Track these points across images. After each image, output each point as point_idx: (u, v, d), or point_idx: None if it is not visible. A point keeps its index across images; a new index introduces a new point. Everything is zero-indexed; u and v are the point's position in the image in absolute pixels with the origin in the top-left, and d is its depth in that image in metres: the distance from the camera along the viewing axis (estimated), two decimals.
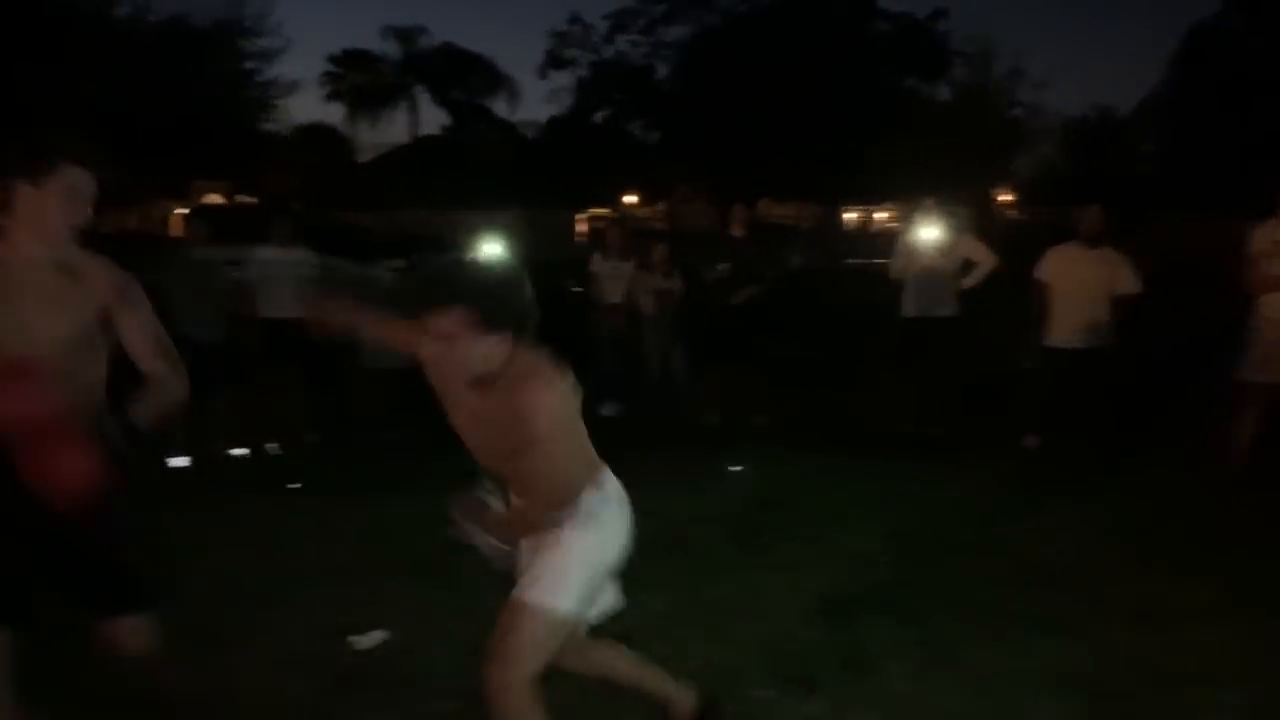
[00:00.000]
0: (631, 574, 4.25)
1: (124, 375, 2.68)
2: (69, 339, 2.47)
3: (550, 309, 2.59)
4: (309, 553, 4.83)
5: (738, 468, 6.47)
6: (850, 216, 39.11)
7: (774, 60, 27.03)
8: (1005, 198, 31.35)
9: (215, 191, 43.78)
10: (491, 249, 7.56)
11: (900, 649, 3.74)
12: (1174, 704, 3.33)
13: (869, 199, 37.03)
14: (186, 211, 42.25)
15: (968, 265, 7.42)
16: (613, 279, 8.35)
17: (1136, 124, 30.82)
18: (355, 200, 34.70)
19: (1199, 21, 27.47)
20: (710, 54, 28.80)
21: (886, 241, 31.25)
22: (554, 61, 32.06)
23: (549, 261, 10.60)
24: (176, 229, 41.23)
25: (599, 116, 31.47)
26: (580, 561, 2.58)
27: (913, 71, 30.29)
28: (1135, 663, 3.60)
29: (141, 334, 2.61)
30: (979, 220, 7.17)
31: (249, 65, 32.00)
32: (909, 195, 31.39)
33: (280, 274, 6.93)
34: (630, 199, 34.09)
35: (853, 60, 27.37)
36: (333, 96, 47.15)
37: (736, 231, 8.01)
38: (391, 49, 44.99)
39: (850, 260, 27.58)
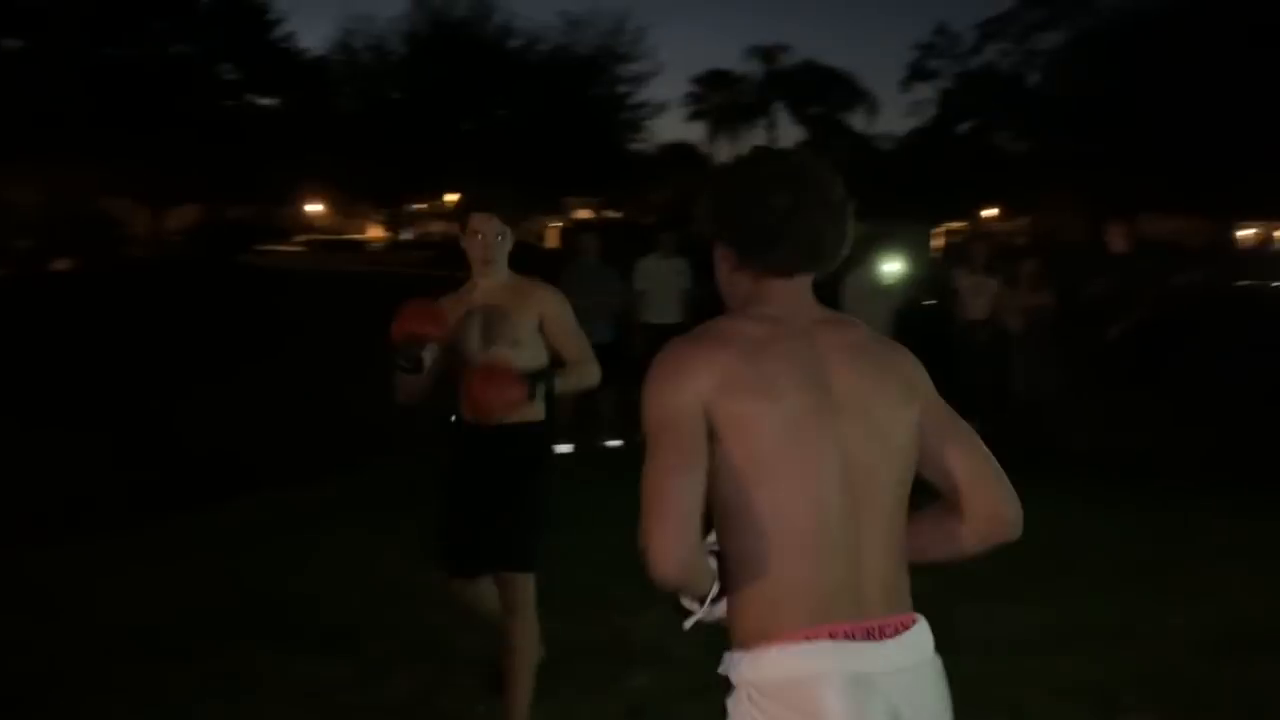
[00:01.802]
0: (1004, 587, 4.32)
1: None
2: (513, 340, 3.09)
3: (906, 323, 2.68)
4: None
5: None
6: (1245, 234, 35.20)
7: (1162, 64, 24.94)
8: None
9: (586, 208, 47.31)
10: (891, 265, 7.67)
11: None
12: None
13: (1269, 213, 33.15)
14: (559, 225, 45.68)
15: None
16: (976, 294, 8.20)
17: None
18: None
19: None
20: (1091, 58, 27.08)
21: None
22: (918, 73, 31.59)
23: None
24: (552, 242, 44.97)
25: (963, 127, 30.58)
26: None
27: None
28: None
29: (568, 334, 3.16)
30: None
31: (623, 89, 34.34)
32: None
33: (665, 282, 7.53)
34: (990, 212, 32.81)
35: (1252, 62, 24.63)
36: (695, 116, 49.30)
37: (1116, 246, 7.61)
38: (754, 68, 46.35)
39: (1243, 282, 24.89)
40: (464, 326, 3.09)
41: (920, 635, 1.56)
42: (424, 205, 44.72)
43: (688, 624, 1.58)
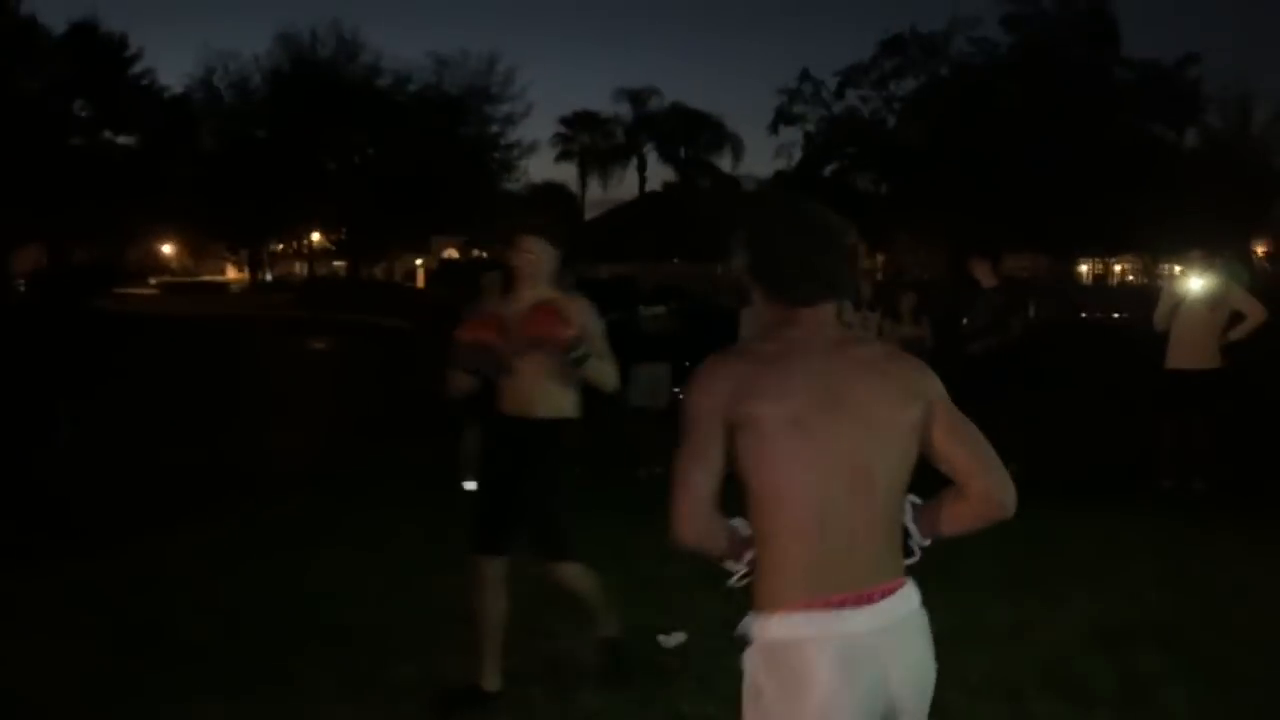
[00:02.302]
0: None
1: None
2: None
3: None
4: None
5: None
6: (1083, 269, 37.66)
7: (1010, 109, 26.67)
8: (1261, 250, 29.41)
9: (451, 246, 47.12)
10: None
11: (1177, 678, 3.88)
12: None
13: (1106, 250, 35.58)
14: (422, 264, 45.03)
15: (1236, 317, 7.31)
16: (862, 328, 8.66)
17: None
18: (584, 254, 36.33)
19: None
20: (944, 104, 28.72)
21: (1128, 294, 29.78)
22: (783, 118, 32.81)
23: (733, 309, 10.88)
24: (419, 281, 44.45)
25: (828, 170, 31.89)
26: None
27: (1159, 119, 29.11)
28: None
29: (599, 341, 3.61)
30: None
31: (494, 129, 34.48)
32: (1155, 246, 30.20)
33: None
34: None
35: (1093, 108, 26.61)
36: (563, 156, 49.93)
37: (985, 281, 8.17)
38: (623, 109, 47.27)
39: (1085, 314, 26.65)
40: (512, 325, 3.50)
41: (904, 594, 1.89)
42: (283, 246, 43.79)
43: (730, 582, 1.94)
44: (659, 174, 48.21)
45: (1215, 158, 26.99)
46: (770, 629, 1.82)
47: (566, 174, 52.27)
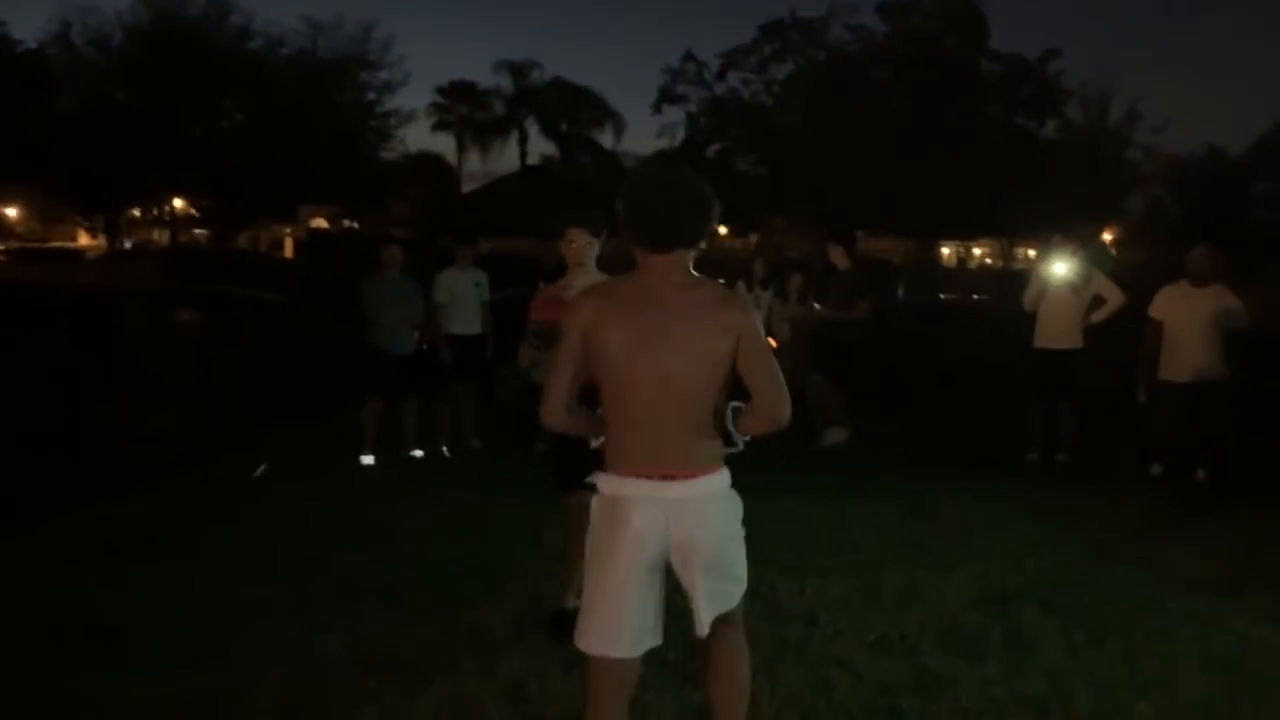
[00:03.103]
0: (808, 564, 4.91)
1: None
2: None
3: None
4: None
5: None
6: (945, 251, 39.18)
7: (880, 95, 27.51)
8: (1109, 236, 31.18)
9: (321, 216, 45.79)
10: None
11: (1056, 633, 4.25)
12: None
13: (966, 234, 37.10)
14: (290, 234, 43.56)
15: (1099, 300, 7.84)
16: (755, 306, 8.93)
17: (1249, 164, 30.50)
18: (460, 228, 35.80)
19: None
20: (817, 89, 29.39)
21: (989, 277, 31.02)
22: (667, 97, 32.99)
23: None
24: (289, 252, 43.06)
25: (711, 151, 32.26)
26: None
27: (1022, 111, 30.47)
28: (1274, 652, 4.06)
29: None
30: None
31: (370, 97, 33.54)
32: (1013, 231, 31.67)
33: (464, 294, 7.74)
34: (721, 229, 34.73)
35: (960, 98, 27.70)
36: (439, 127, 49.03)
37: (841, 265, 8.53)
38: (504, 82, 46.67)
39: (945, 295, 27.83)
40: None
41: (708, 479, 2.65)
42: (142, 212, 41.84)
43: (592, 445, 2.74)
44: (540, 148, 47.93)
45: (1073, 149, 28.45)
46: (608, 485, 2.67)
47: (445, 145, 51.28)
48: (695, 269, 2.71)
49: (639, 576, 2.61)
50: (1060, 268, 7.85)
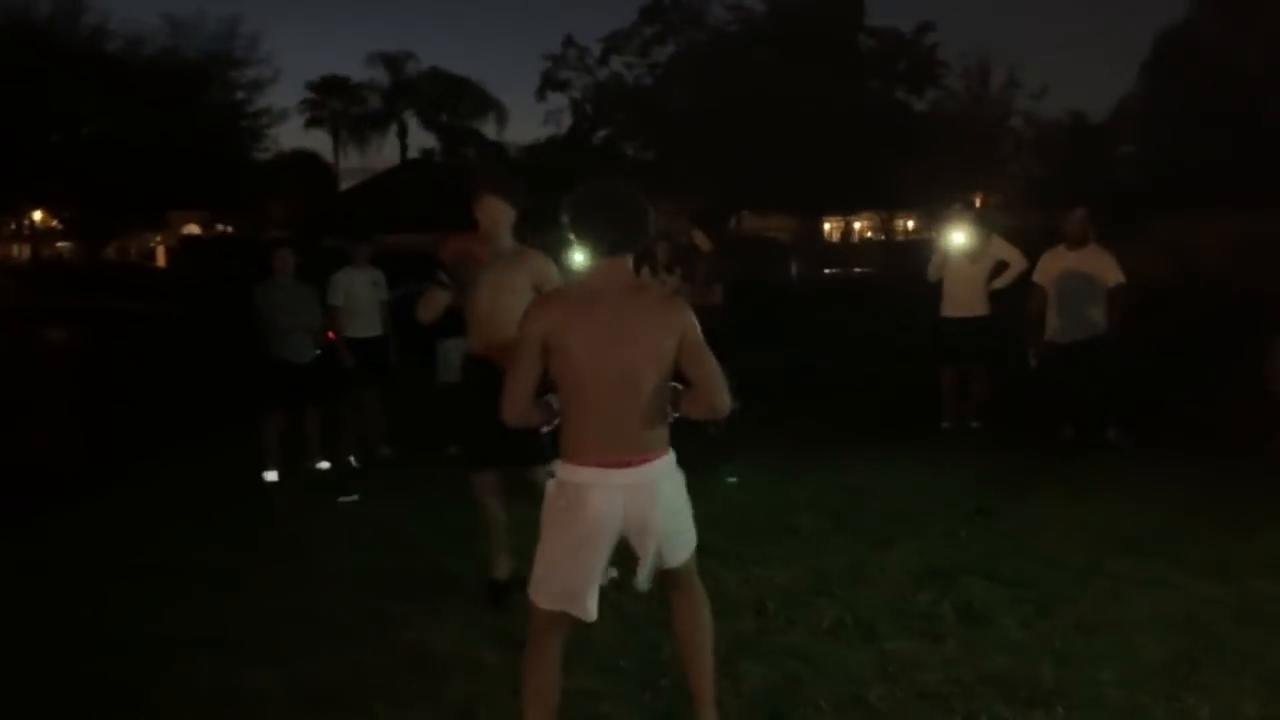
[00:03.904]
0: (748, 553, 4.79)
1: None
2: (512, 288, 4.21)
3: None
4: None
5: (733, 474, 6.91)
6: (826, 227, 39.81)
7: (760, 74, 27.65)
8: (978, 203, 32.11)
9: (192, 222, 44.01)
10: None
11: (1007, 605, 4.21)
12: (1261, 637, 3.82)
13: (848, 209, 37.74)
14: (160, 241, 41.76)
15: (1000, 267, 7.92)
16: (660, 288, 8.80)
17: (1112, 127, 31.69)
18: (339, 226, 34.86)
19: (1169, 27, 28.28)
20: (697, 70, 29.42)
21: (872, 250, 31.54)
22: (549, 84, 32.61)
23: None
24: (162, 260, 41.26)
25: (598, 136, 32.01)
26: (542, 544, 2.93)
27: (901, 84, 31.06)
28: (1220, 607, 4.10)
29: (553, 286, 4.16)
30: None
31: (239, 96, 32.28)
32: (891, 204, 32.35)
33: (362, 295, 7.38)
34: None
35: (838, 73, 28.04)
36: (312, 123, 47.60)
37: (703, 246, 8.50)
38: (379, 75, 45.47)
39: (829, 270, 28.26)
40: (477, 276, 4.15)
41: (659, 462, 2.91)
42: None
43: (543, 431, 2.97)
44: (421, 141, 46.92)
45: (952, 120, 29.13)
46: (566, 473, 2.88)
47: (320, 142, 49.85)
48: None
49: (597, 551, 2.87)
50: (959, 237, 7.91)
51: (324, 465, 7.27)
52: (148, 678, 3.74)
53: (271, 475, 7.02)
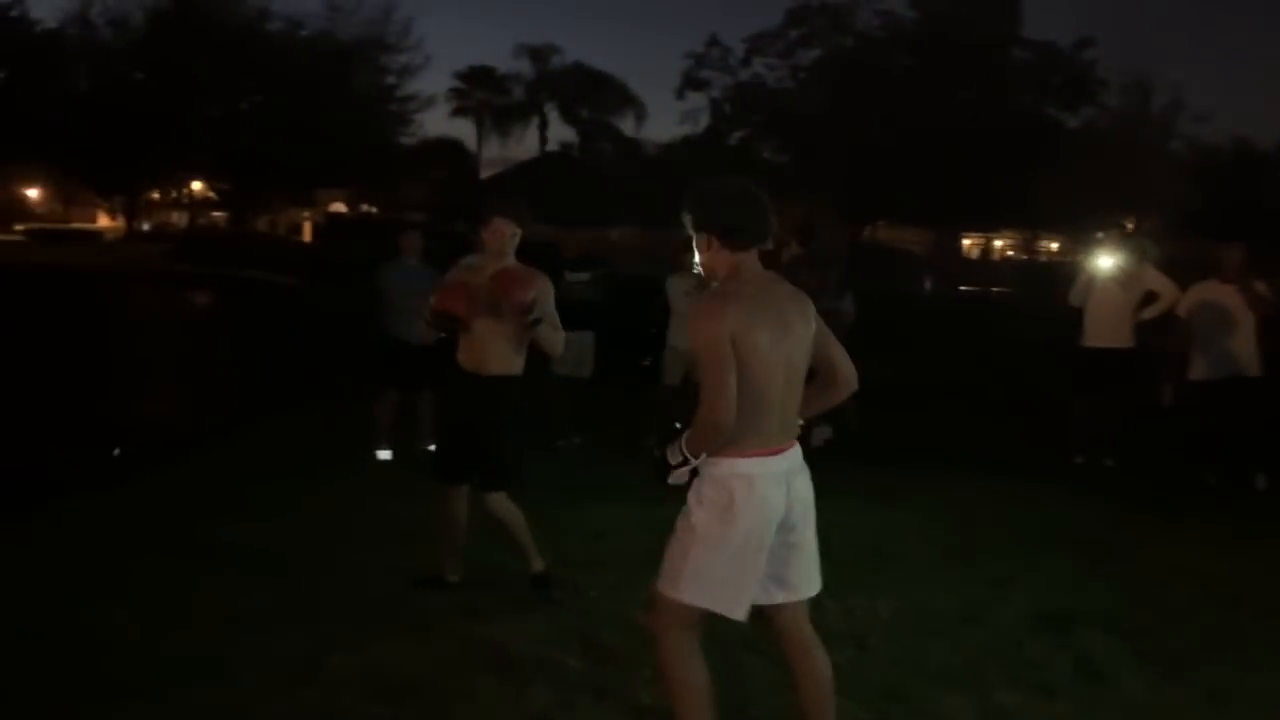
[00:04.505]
0: (850, 578, 4.55)
1: None
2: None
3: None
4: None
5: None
6: (965, 243, 38.63)
7: (905, 82, 26.98)
8: (1130, 227, 30.61)
9: (338, 200, 45.52)
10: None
11: (1129, 662, 3.89)
12: None
13: (989, 225, 36.52)
14: (309, 218, 43.28)
15: (1150, 297, 7.45)
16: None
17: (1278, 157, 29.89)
18: (477, 213, 35.35)
19: None
20: (841, 75, 28.89)
21: (1013, 269, 30.36)
22: (690, 83, 32.55)
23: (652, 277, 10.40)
24: (308, 235, 42.82)
25: (735, 137, 31.80)
26: (697, 544, 2.82)
27: (1053, 99, 29.89)
28: None
29: (551, 311, 4.29)
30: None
31: (389, 80, 33.20)
32: (1037, 223, 31.12)
33: None
34: None
35: (987, 86, 27.14)
36: (458, 112, 48.70)
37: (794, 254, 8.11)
38: (524, 66, 46.27)
39: (965, 287, 27.31)
40: (478, 294, 4.18)
41: (797, 448, 2.93)
42: (160, 194, 41.69)
43: (672, 479, 2.86)
44: (561, 134, 47.50)
45: (1107, 139, 27.85)
46: (725, 468, 2.81)
47: (464, 130, 50.98)
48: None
49: (763, 543, 2.83)
50: (1108, 260, 7.47)
51: (434, 448, 7.30)
52: (227, 650, 3.75)
53: (384, 454, 7.09)
